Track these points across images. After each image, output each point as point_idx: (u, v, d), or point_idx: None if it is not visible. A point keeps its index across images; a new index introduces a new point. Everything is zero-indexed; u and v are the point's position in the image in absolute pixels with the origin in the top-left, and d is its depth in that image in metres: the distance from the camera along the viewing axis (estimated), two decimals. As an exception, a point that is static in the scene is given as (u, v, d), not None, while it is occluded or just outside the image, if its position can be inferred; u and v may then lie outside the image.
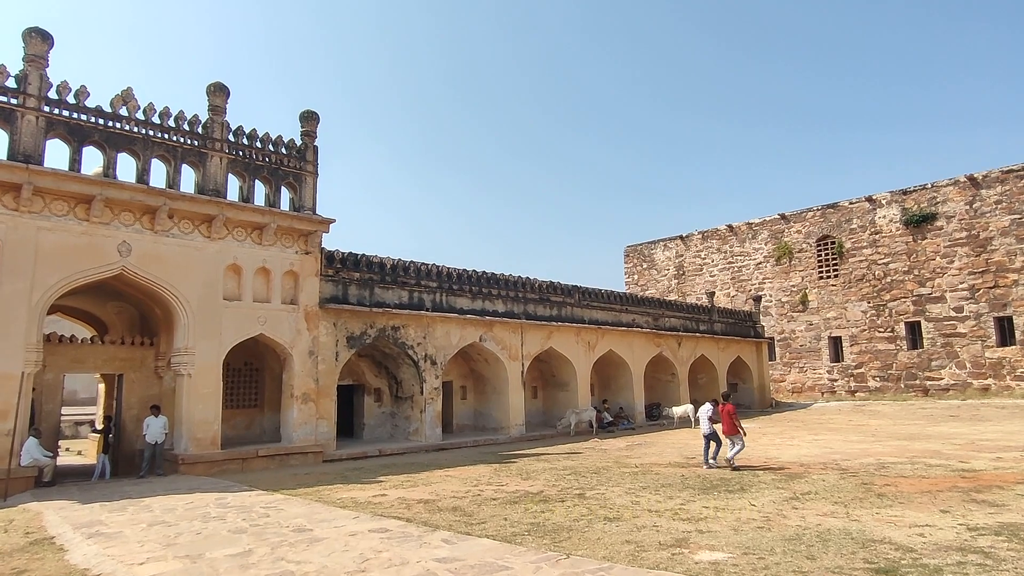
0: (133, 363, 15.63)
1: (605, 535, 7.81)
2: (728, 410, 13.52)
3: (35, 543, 7.77)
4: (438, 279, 20.01)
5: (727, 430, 13.41)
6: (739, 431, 13.40)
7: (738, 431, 13.38)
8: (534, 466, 14.70)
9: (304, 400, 16.36)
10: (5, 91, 12.98)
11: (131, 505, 9.94)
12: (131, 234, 14.07)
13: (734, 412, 13.59)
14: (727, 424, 13.41)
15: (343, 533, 7.51)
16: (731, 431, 13.37)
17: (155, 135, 14.75)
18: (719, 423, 13.72)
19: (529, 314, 22.26)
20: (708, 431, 13.67)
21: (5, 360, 12.25)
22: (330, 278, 17.45)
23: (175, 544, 7.19)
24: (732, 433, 13.36)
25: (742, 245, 40.32)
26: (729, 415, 13.45)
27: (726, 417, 13.46)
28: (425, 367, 19.09)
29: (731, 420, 13.41)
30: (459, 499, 10.50)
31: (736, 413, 13.71)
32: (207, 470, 14.15)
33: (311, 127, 17.65)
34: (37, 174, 12.70)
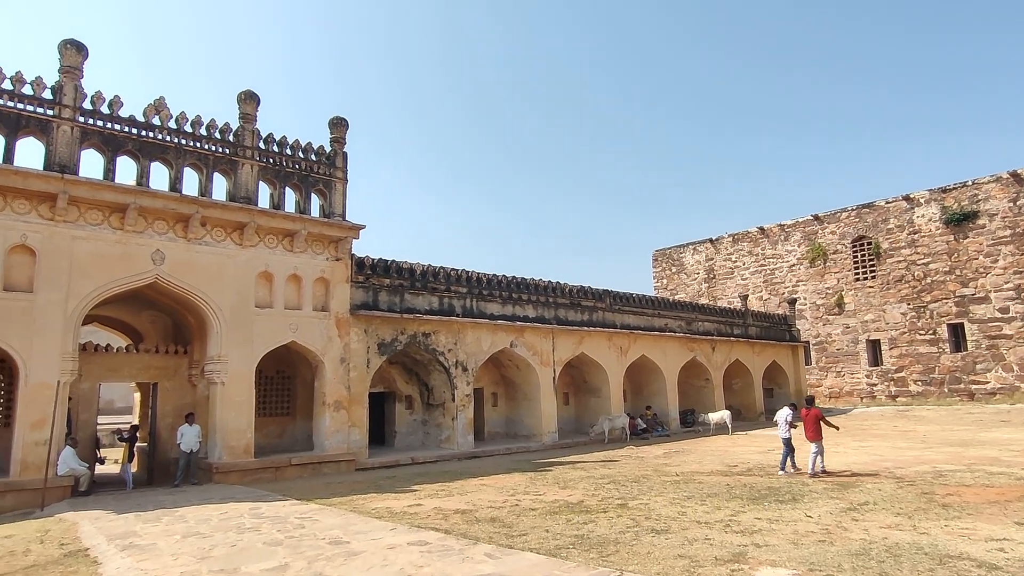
0: (167, 372, 15.63)
1: (655, 549, 7.41)
2: (815, 414, 12.97)
3: (69, 555, 7.64)
4: (468, 284, 19.76)
5: (812, 435, 12.87)
6: (822, 437, 12.88)
7: (821, 437, 12.85)
8: (570, 474, 14.31)
9: (336, 408, 16.20)
10: (41, 102, 13.09)
11: (165, 515, 9.79)
12: (164, 242, 14.08)
13: (822, 416, 13.04)
14: (812, 429, 12.87)
15: (381, 546, 7.22)
16: (816, 437, 12.83)
17: (187, 144, 14.77)
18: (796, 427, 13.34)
19: (560, 319, 21.89)
20: (786, 436, 13.26)
21: (41, 369, 12.28)
22: (360, 284, 17.30)
23: (209, 557, 6.98)
24: (816, 439, 12.83)
25: (774, 247, 39.43)
26: (816, 420, 12.90)
27: (812, 422, 12.90)
28: (456, 373, 18.83)
29: (817, 425, 12.87)
30: (496, 509, 10.17)
31: (824, 417, 13.15)
32: (241, 479, 14.03)
33: (340, 133, 17.58)
34: (72, 183, 12.75)
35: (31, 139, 13.09)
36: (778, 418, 13.81)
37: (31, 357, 12.22)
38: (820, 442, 12.82)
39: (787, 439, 13.32)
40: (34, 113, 12.95)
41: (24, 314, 12.29)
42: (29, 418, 12.03)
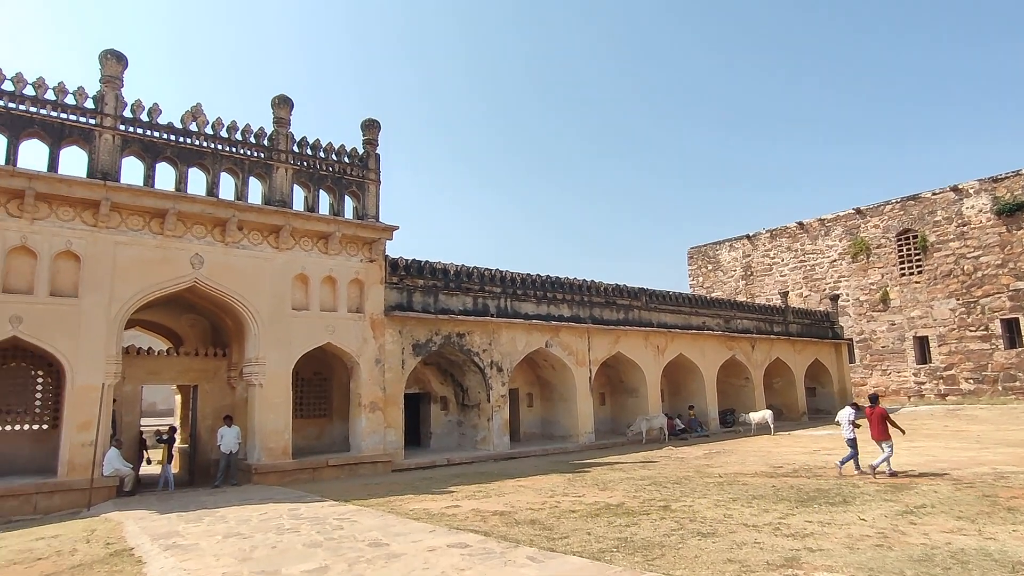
0: (207, 374, 15.84)
1: (703, 552, 7.15)
2: (881, 413, 12.52)
3: (114, 554, 7.70)
4: (502, 284, 19.63)
5: (878, 435, 12.42)
6: (890, 437, 12.43)
7: (889, 436, 12.40)
8: (609, 476, 14.04)
9: (372, 409, 16.21)
10: (84, 111, 13.38)
11: (207, 515, 9.86)
12: (203, 246, 14.26)
13: (887, 415, 12.58)
14: (877, 429, 12.42)
15: (421, 548, 7.10)
16: (882, 436, 12.38)
17: (223, 149, 14.95)
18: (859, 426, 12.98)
19: (595, 318, 21.60)
20: (851, 436, 12.89)
21: (87, 372, 12.52)
22: (394, 285, 17.31)
23: (250, 559, 6.95)
24: (883, 439, 12.38)
25: (814, 243, 38.39)
26: (882, 419, 12.45)
27: (878, 421, 12.45)
28: (491, 374, 18.71)
29: (883, 424, 12.42)
30: (536, 511, 9.99)
31: (889, 416, 12.70)
32: (279, 479, 14.12)
33: (372, 135, 17.62)
34: (114, 190, 12.99)
35: (75, 148, 13.39)
36: (840, 418, 13.42)
37: (77, 360, 12.48)
38: (890, 442, 12.40)
39: (852, 439, 12.92)
40: (77, 123, 13.24)
41: (70, 318, 12.56)
42: (76, 420, 12.29)
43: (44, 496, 11.70)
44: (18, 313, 12.09)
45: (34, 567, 7.36)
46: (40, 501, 11.65)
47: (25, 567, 7.38)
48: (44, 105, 12.94)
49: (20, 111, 12.70)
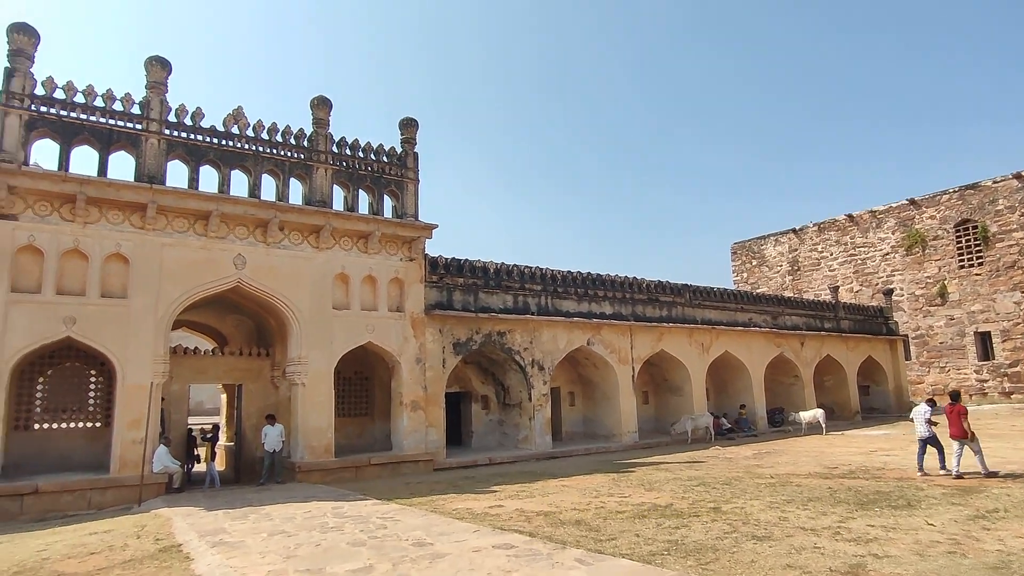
0: (251, 373, 16.04)
1: (759, 557, 6.79)
2: (959, 411, 11.92)
3: (164, 550, 7.75)
4: (543, 282, 19.40)
5: (956, 433, 11.83)
6: (970, 434, 11.82)
7: (968, 434, 11.80)
8: (655, 476, 13.67)
9: (413, 408, 16.18)
10: (131, 117, 13.67)
11: (252, 513, 9.90)
12: (245, 247, 14.42)
13: (966, 413, 11.99)
14: (957, 427, 11.83)
15: (466, 549, 6.93)
16: (960, 434, 11.79)
17: (264, 151, 15.11)
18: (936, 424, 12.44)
19: (638, 315, 21.18)
20: (927, 434, 12.36)
21: (136, 371, 12.78)
22: (434, 284, 17.25)
23: (295, 556, 6.89)
24: (961, 436, 11.79)
25: (865, 235, 36.99)
26: (960, 416, 11.86)
27: (956, 419, 11.87)
28: (532, 373, 18.49)
29: (961, 422, 11.83)
30: (581, 512, 9.73)
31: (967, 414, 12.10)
32: (322, 478, 14.18)
33: (411, 134, 17.59)
34: (160, 193, 13.23)
35: (122, 153, 13.69)
36: (915, 415, 12.82)
37: (127, 360, 12.75)
38: (975, 442, 11.81)
39: (928, 438, 12.36)
40: (124, 128, 13.54)
41: (120, 319, 12.83)
42: (126, 418, 12.55)
43: (97, 492, 11.98)
44: (72, 314, 12.41)
45: (87, 561, 7.45)
46: (94, 497, 11.92)
47: (79, 561, 7.48)
48: (93, 112, 13.27)
49: (71, 118, 13.05)
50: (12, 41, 12.67)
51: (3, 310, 11.84)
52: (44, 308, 12.21)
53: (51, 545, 8.48)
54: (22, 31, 12.78)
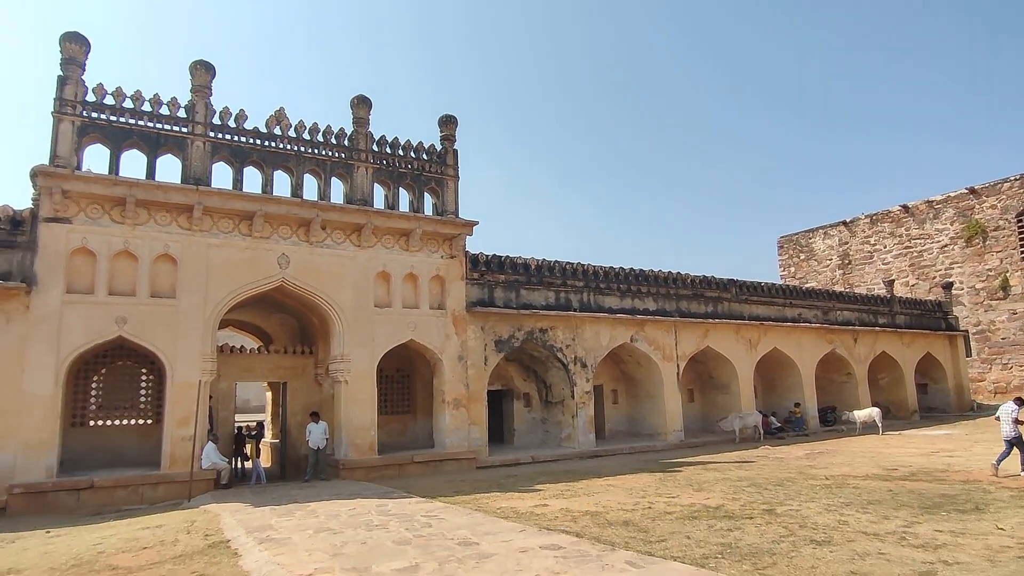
0: (295, 371, 16.22)
1: (820, 563, 6.45)
2: None
3: (212, 546, 7.82)
4: (585, 278, 19.12)
5: None
6: None
7: None
8: (704, 476, 13.29)
9: (455, 405, 16.12)
10: (177, 120, 13.93)
11: (298, 510, 9.95)
12: (289, 246, 14.57)
13: None
14: None
15: (512, 549, 6.77)
16: None
17: (306, 151, 15.23)
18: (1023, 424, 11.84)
19: (683, 311, 20.70)
20: (1013, 435, 11.82)
21: (185, 370, 13.03)
22: (475, 281, 17.15)
23: (341, 554, 6.84)
24: None
25: (921, 227, 35.47)
26: None
27: None
28: (575, 370, 18.24)
29: None
30: (628, 512, 9.48)
31: None
32: (366, 475, 14.22)
33: (450, 131, 17.53)
34: (205, 194, 13.45)
35: (169, 156, 13.97)
36: (1001, 413, 12.22)
37: (176, 358, 13.00)
38: None
39: (1014, 438, 11.79)
40: (171, 131, 13.80)
41: (169, 318, 13.10)
42: (175, 415, 12.80)
43: (149, 487, 12.26)
44: (123, 314, 12.72)
45: (140, 556, 7.56)
46: (146, 492, 12.20)
47: (132, 555, 7.60)
48: (141, 116, 13.56)
49: (120, 123, 13.36)
50: (64, 50, 13.03)
51: (59, 310, 12.20)
52: (97, 308, 12.54)
53: (106, 539, 8.65)
54: (73, 40, 13.13)
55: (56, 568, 7.17)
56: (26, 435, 11.62)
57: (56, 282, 12.25)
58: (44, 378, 11.90)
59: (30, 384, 11.78)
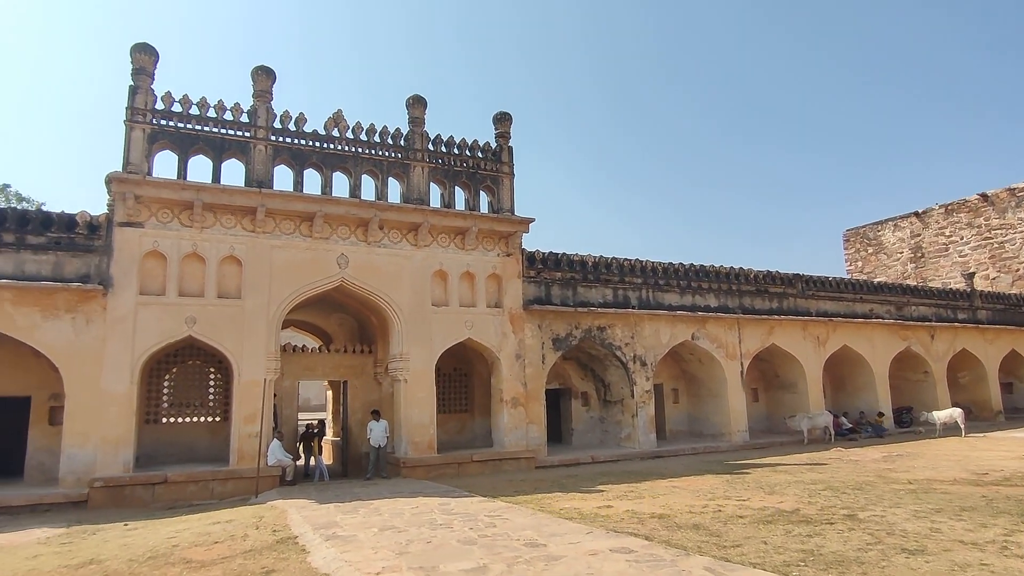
0: (355, 370, 16.41)
1: (914, 574, 5.97)
2: None
3: (281, 542, 7.88)
4: (643, 275, 18.70)
5: None
6: None
7: None
8: (774, 478, 12.74)
9: (513, 404, 15.99)
10: (240, 126, 14.27)
11: (362, 507, 9.98)
12: (347, 247, 14.73)
13: None
14: None
15: (582, 551, 6.55)
16: None
17: (363, 152, 15.37)
18: None
19: (746, 308, 20.01)
20: None
21: (251, 368, 13.32)
22: (532, 279, 16.99)
23: (407, 553, 6.76)
24: None
25: (1002, 216, 33.33)
26: None
27: None
28: (634, 368, 17.84)
29: None
30: (697, 515, 9.11)
31: None
32: (426, 474, 14.24)
33: (505, 128, 17.41)
34: (268, 196, 13.72)
35: (233, 160, 14.31)
36: None
37: (242, 357, 13.31)
38: None
39: None
40: (234, 136, 14.14)
41: (235, 319, 13.42)
42: (242, 412, 13.10)
43: (219, 483, 12.57)
44: (192, 314, 13.10)
45: (212, 549, 7.69)
46: (216, 487, 12.52)
47: (205, 549, 7.74)
48: (207, 122, 13.94)
49: (187, 129, 13.77)
50: (135, 60, 13.51)
51: (134, 311, 12.66)
52: (168, 309, 12.96)
53: (179, 533, 8.86)
54: (143, 51, 13.60)
55: (134, 559, 7.35)
56: (105, 431, 12.10)
57: (130, 284, 12.71)
58: (120, 377, 12.36)
59: (108, 382, 12.25)
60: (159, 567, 6.98)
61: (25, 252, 12.25)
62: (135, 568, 7.01)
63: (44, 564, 7.42)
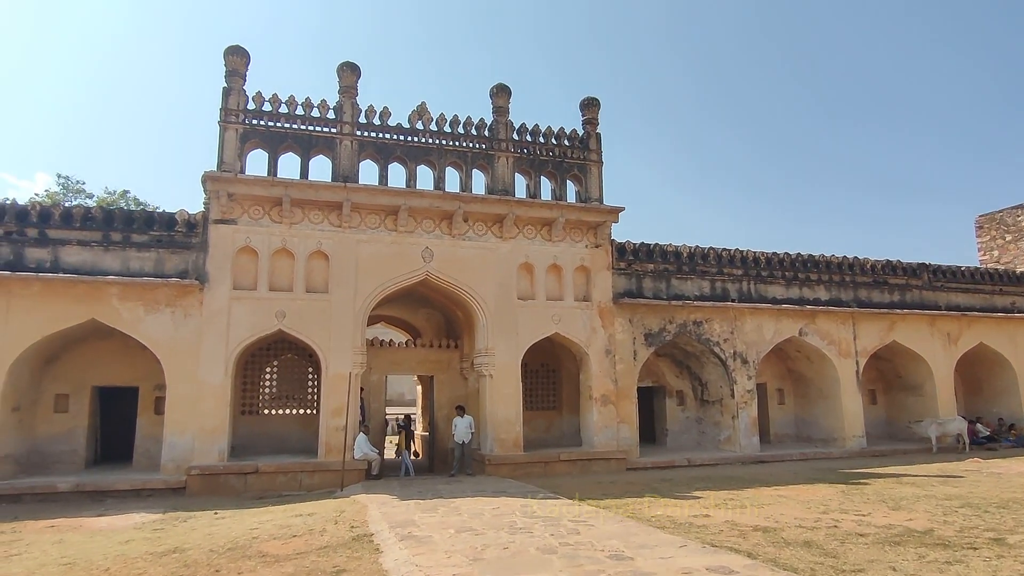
0: (441, 365, 16.25)
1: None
2: None
3: (356, 539, 7.66)
4: (744, 266, 17.39)
5: None
6: None
7: None
8: (898, 491, 11.31)
9: (603, 402, 15.26)
10: (326, 122, 14.41)
11: (442, 506, 9.65)
12: (432, 240, 14.56)
13: None
14: None
15: (674, 569, 5.81)
16: None
17: (447, 144, 15.16)
18: None
19: (862, 301, 18.19)
20: None
21: (338, 362, 13.39)
22: (622, 271, 16.17)
23: (481, 559, 6.29)
24: None
25: None
26: None
27: None
28: (734, 366, 16.60)
29: None
30: (808, 530, 8.08)
31: None
32: (511, 472, 13.80)
33: (592, 114, 16.67)
34: (352, 191, 13.76)
35: (320, 157, 14.50)
36: None
37: (329, 350, 13.41)
38: None
39: None
40: (321, 132, 14.30)
41: (322, 312, 13.55)
42: (330, 406, 13.19)
43: (307, 474, 12.71)
44: (282, 309, 13.33)
45: (289, 544, 7.57)
46: (304, 479, 12.66)
47: (282, 543, 7.64)
48: (295, 120, 14.18)
49: (277, 128, 14.06)
50: (228, 63, 13.93)
51: (228, 305, 13.04)
52: (260, 303, 13.25)
53: (263, 524, 8.87)
54: (235, 53, 14.00)
55: (215, 550, 7.34)
56: (202, 421, 12.51)
57: (224, 279, 13.09)
58: (216, 368, 12.74)
59: (204, 374, 12.67)
60: (236, 559, 6.90)
61: (130, 250, 12.89)
62: (213, 559, 6.96)
63: (133, 549, 7.57)
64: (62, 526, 9.26)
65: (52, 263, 12.42)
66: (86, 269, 12.52)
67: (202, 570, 6.58)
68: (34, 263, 12.34)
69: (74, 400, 13.53)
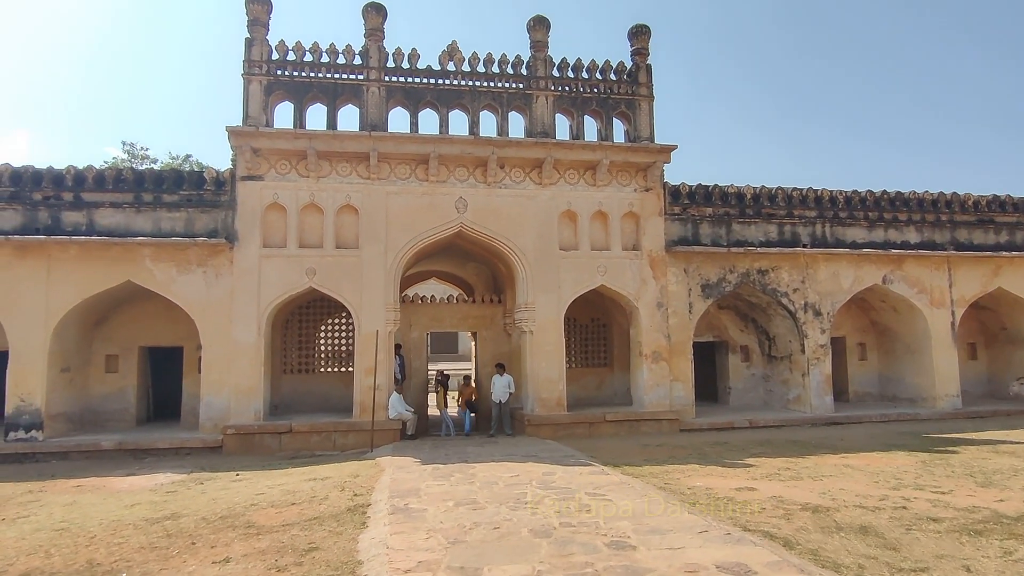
0: (484, 321, 15.60)
1: None
2: None
3: (351, 510, 7.18)
4: (818, 206, 15.55)
5: None
6: None
7: None
8: (992, 462, 9.75)
9: (654, 359, 14.16)
10: (353, 68, 13.69)
11: (458, 472, 9.07)
12: (466, 189, 13.73)
13: None
14: None
15: (676, 566, 4.88)
16: None
17: (481, 84, 14.14)
18: None
19: (960, 243, 15.92)
20: None
21: (370, 319, 12.97)
22: (676, 216, 14.77)
23: (462, 542, 5.62)
24: None
25: None
26: None
27: None
28: (805, 319, 14.99)
29: None
30: (869, 511, 6.89)
31: None
32: (553, 433, 13.10)
33: (642, 43, 15.07)
34: (379, 140, 13.06)
35: (348, 107, 13.84)
36: None
37: (361, 308, 13.00)
38: None
39: None
40: (347, 80, 13.63)
41: (353, 269, 13.11)
42: (363, 364, 12.85)
43: (340, 434, 12.51)
44: (312, 266, 12.99)
45: (283, 513, 7.20)
46: (337, 438, 12.48)
47: (277, 511, 7.28)
48: (319, 68, 13.55)
49: (302, 77, 13.48)
50: (249, 11, 13.38)
51: (258, 264, 12.81)
52: (290, 261, 12.94)
53: (271, 489, 8.60)
54: (257, 1, 13.40)
55: (206, 518, 7.06)
56: (237, 380, 12.48)
57: (254, 237, 12.83)
58: (248, 328, 12.61)
59: (237, 333, 12.57)
60: (218, 531, 6.56)
61: (161, 210, 12.81)
62: (199, 528, 6.67)
63: (132, 514, 7.42)
64: (87, 486, 9.38)
65: (87, 226, 12.53)
66: (120, 231, 12.56)
67: (180, 540, 6.27)
68: (71, 227, 12.49)
69: (123, 360, 13.87)
